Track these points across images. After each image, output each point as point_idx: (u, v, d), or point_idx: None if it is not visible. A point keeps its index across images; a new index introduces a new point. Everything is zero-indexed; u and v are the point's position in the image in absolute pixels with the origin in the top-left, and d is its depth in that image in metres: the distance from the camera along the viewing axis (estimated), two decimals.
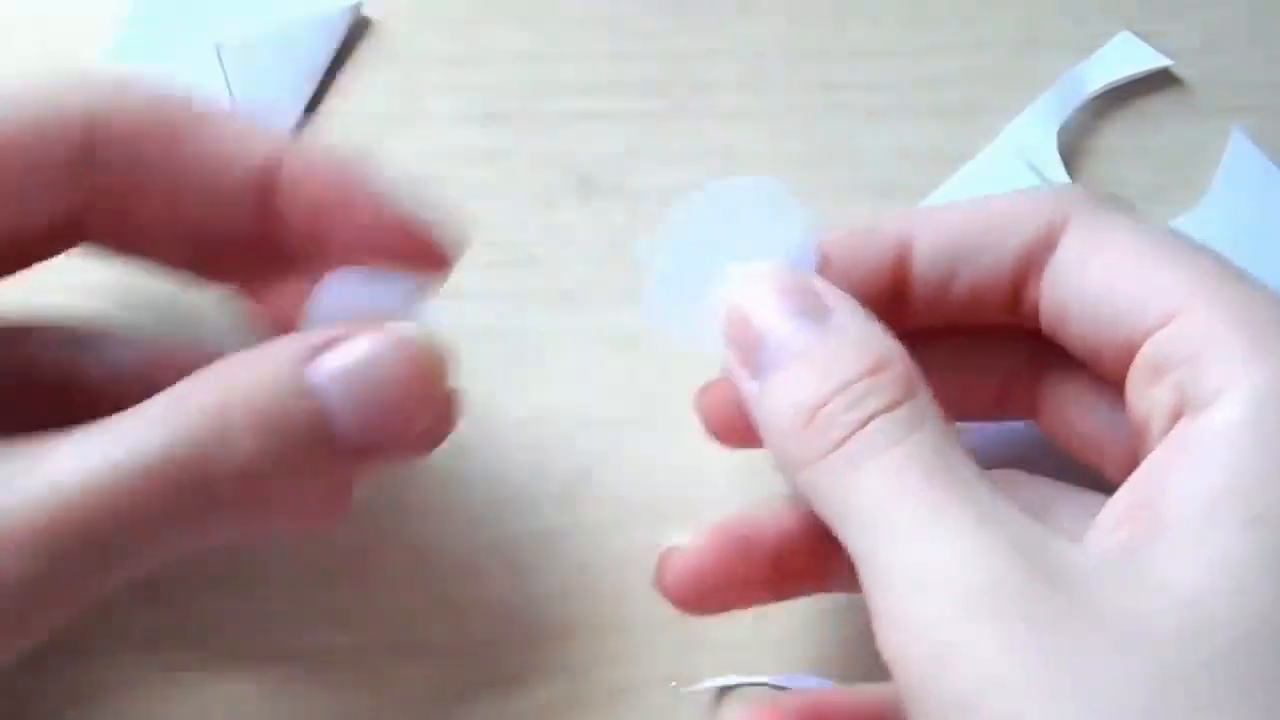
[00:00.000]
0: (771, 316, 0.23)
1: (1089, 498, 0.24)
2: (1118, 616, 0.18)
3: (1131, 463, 0.21)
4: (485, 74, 0.33)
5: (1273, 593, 0.18)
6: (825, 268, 0.24)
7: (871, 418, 0.21)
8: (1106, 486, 0.22)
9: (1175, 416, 0.21)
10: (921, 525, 0.20)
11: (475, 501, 0.29)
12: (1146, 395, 0.22)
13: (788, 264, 0.24)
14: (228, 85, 0.32)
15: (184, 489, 0.20)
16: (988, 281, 0.24)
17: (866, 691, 0.25)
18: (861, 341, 0.22)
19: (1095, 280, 0.22)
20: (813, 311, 0.23)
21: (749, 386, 0.23)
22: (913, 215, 0.25)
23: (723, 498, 0.30)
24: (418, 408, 0.23)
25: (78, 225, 0.24)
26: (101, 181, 0.23)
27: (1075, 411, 0.25)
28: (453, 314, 0.31)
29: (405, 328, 0.23)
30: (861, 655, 0.28)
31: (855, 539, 0.21)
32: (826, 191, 0.32)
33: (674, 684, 0.28)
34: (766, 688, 0.28)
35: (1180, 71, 0.33)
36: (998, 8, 0.34)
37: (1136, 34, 0.33)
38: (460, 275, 0.31)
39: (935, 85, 0.33)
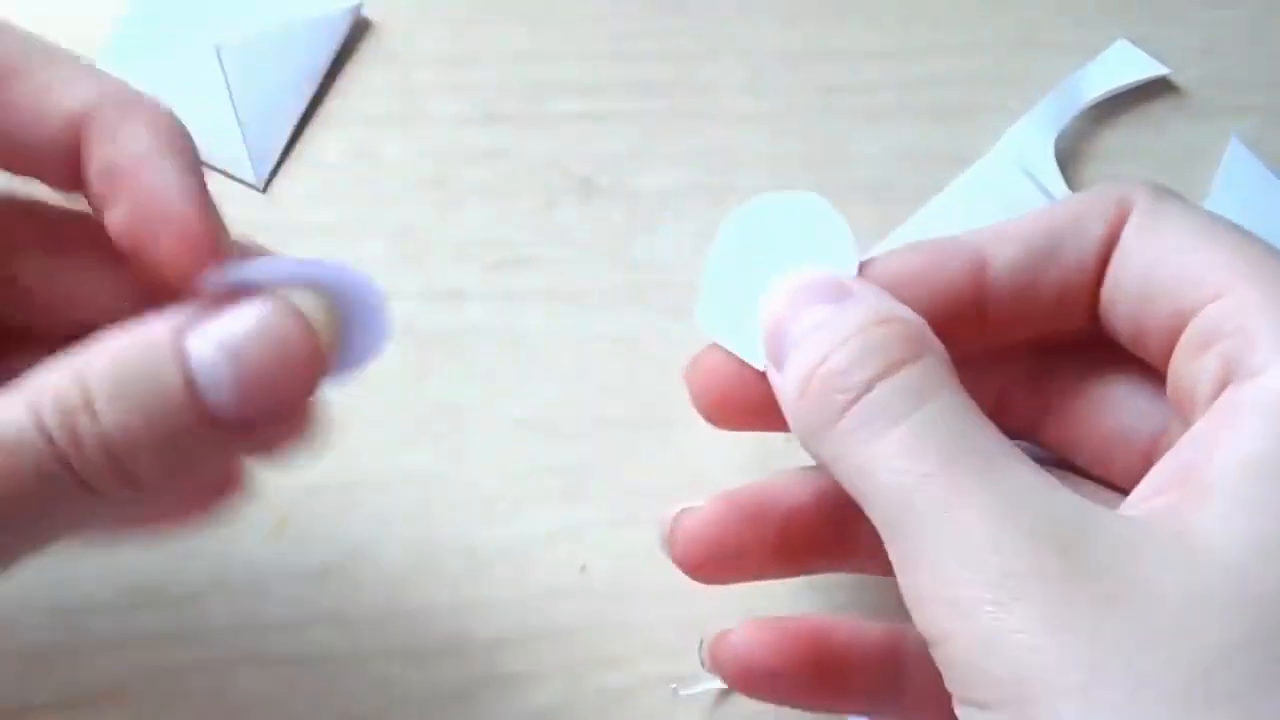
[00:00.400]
0: (796, 307, 0.23)
1: (1082, 490, 0.24)
2: (1165, 589, 0.18)
3: (1145, 469, 0.21)
4: (485, 74, 0.33)
5: None
6: (873, 275, 0.24)
7: (876, 379, 0.20)
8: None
9: (1222, 385, 0.21)
10: (945, 509, 0.19)
11: (475, 502, 0.29)
12: (1193, 365, 0.21)
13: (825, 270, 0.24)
14: (227, 85, 0.32)
15: (43, 468, 0.19)
16: (1076, 278, 0.24)
17: (874, 629, 0.25)
18: (870, 303, 0.22)
19: (1148, 259, 0.22)
20: (834, 296, 0.22)
21: (776, 380, 0.23)
22: (981, 232, 0.24)
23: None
24: (299, 382, 0.20)
25: None
26: None
27: (1085, 419, 0.25)
28: (453, 314, 0.31)
29: (297, 298, 0.20)
30: None
31: (880, 517, 0.20)
32: (825, 192, 0.32)
33: (674, 685, 0.28)
34: None
35: (1178, 76, 0.33)
36: (997, 10, 0.34)
37: (1135, 38, 0.33)
38: (460, 275, 0.31)
39: (935, 87, 0.33)
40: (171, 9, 0.33)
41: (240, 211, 0.32)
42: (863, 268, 0.24)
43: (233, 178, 0.32)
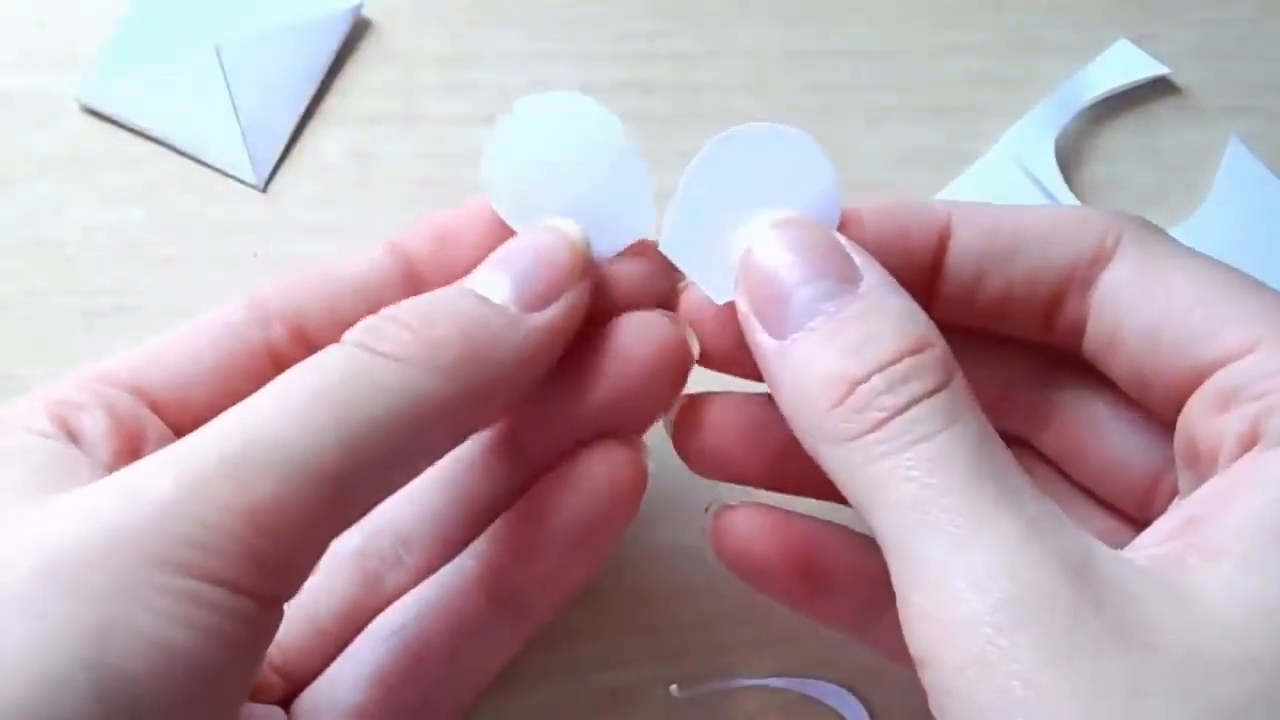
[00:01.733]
0: (796, 274, 0.22)
1: (1072, 499, 0.24)
2: (1167, 642, 0.18)
3: (1147, 495, 0.21)
4: (485, 74, 0.33)
5: None
6: (856, 232, 0.24)
7: (913, 403, 0.20)
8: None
9: (1246, 447, 0.20)
10: (963, 528, 0.19)
11: None
12: (1213, 422, 0.21)
13: (809, 216, 0.23)
14: (227, 85, 0.32)
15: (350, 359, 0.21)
16: (1022, 291, 0.23)
17: (871, 551, 0.24)
18: (901, 317, 0.21)
19: (1154, 307, 0.22)
20: (842, 274, 0.22)
21: (764, 340, 0.22)
22: (958, 205, 0.24)
23: (722, 498, 0.30)
24: (562, 268, 0.23)
25: None
26: None
27: (1087, 438, 0.25)
28: None
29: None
30: (862, 657, 0.28)
31: (887, 528, 0.20)
32: None
33: (674, 685, 0.28)
34: (766, 689, 0.28)
35: (1178, 76, 0.33)
36: (997, 10, 0.34)
37: (1135, 38, 0.33)
38: None
39: (934, 87, 0.33)
40: (171, 9, 0.33)
41: (240, 211, 0.32)
42: (843, 220, 0.24)
43: (233, 178, 0.32)
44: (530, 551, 0.24)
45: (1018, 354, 0.25)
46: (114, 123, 0.32)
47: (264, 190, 0.32)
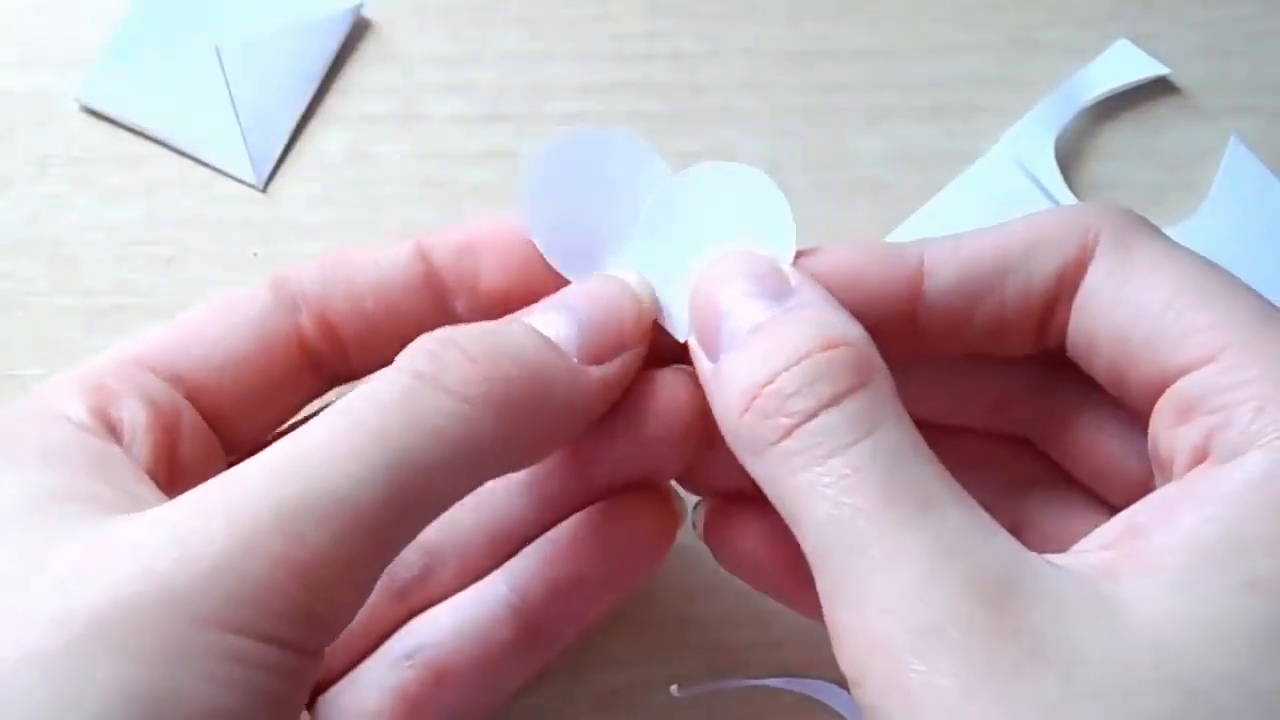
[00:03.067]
0: (730, 298, 0.22)
1: (1072, 498, 0.24)
2: (1088, 660, 0.18)
3: (1145, 494, 0.21)
4: (485, 74, 0.33)
5: (1257, 659, 0.18)
6: (810, 267, 0.23)
7: (822, 408, 0.20)
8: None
9: (1198, 459, 0.20)
10: (878, 550, 0.19)
11: None
12: (1171, 432, 0.21)
13: (763, 250, 0.23)
14: (227, 85, 0.32)
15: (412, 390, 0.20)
16: (1015, 311, 0.23)
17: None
18: (818, 321, 0.21)
19: (1128, 310, 0.21)
20: (775, 291, 0.22)
21: (704, 365, 0.22)
22: (931, 243, 0.23)
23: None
24: (628, 324, 0.23)
25: None
26: None
27: (1087, 438, 0.24)
28: None
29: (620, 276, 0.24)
30: None
31: (808, 544, 0.20)
32: (825, 192, 0.32)
33: (674, 685, 0.28)
34: (766, 689, 0.28)
35: (1178, 76, 0.33)
36: (997, 10, 0.34)
37: (1135, 38, 0.33)
38: None
39: (934, 87, 0.33)
40: (171, 9, 0.33)
41: (240, 211, 0.32)
42: (799, 257, 0.23)
43: (233, 178, 0.32)
44: (566, 588, 0.24)
45: (1018, 358, 0.25)
46: (114, 123, 0.32)
47: (264, 190, 0.32)
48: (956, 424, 0.26)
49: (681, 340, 0.24)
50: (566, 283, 0.24)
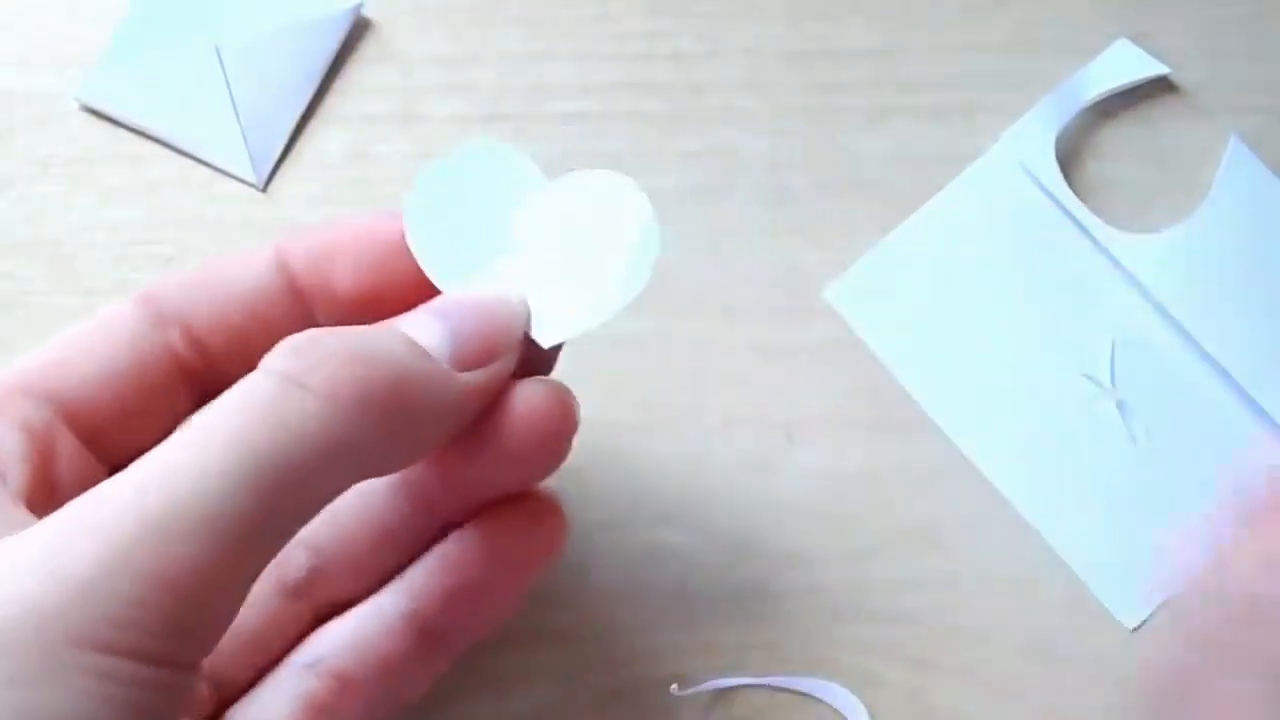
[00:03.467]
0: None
1: None
2: None
3: None
4: (485, 74, 0.33)
5: None
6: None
7: None
8: None
9: None
10: None
11: None
12: None
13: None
14: (227, 85, 0.32)
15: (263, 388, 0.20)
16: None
17: None
18: None
19: None
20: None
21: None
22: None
23: (723, 498, 0.30)
24: (500, 326, 0.23)
25: None
26: None
27: None
28: None
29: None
30: (863, 657, 0.28)
31: None
32: (825, 192, 0.32)
33: (674, 686, 0.28)
34: (766, 689, 0.28)
35: (1178, 76, 0.33)
36: (997, 9, 0.34)
37: (1135, 37, 0.33)
38: None
39: (935, 87, 0.33)
40: (171, 9, 0.33)
41: (240, 211, 0.32)
42: None
43: (233, 177, 0.32)
44: (460, 597, 0.25)
45: None
46: (114, 123, 0.33)
47: (264, 190, 0.32)
48: None
49: (546, 347, 0.24)
50: (429, 285, 0.24)
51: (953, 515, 0.30)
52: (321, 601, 0.25)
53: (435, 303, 0.23)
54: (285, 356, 0.20)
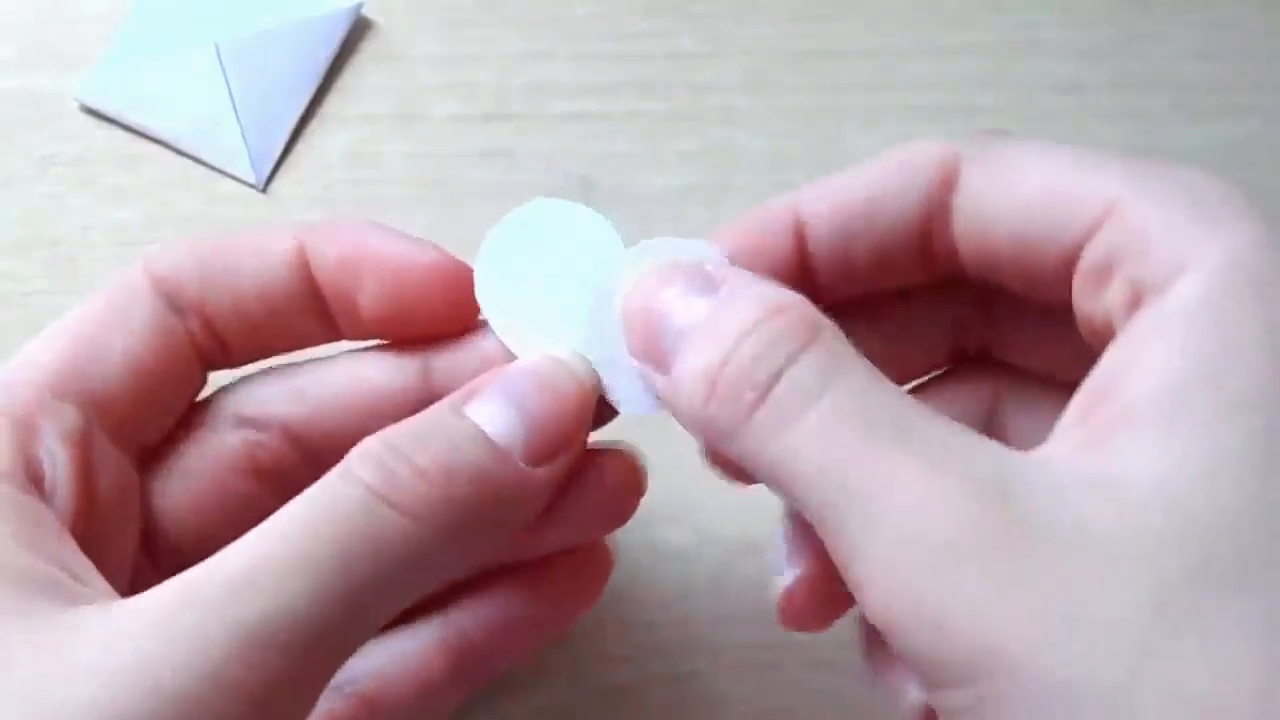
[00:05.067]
0: (669, 304, 0.22)
1: (1036, 390, 0.24)
2: (1096, 536, 0.17)
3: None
4: (485, 74, 0.33)
5: (1254, 483, 0.17)
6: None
7: (783, 370, 0.19)
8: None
9: (1132, 309, 0.19)
10: (871, 488, 0.18)
11: None
12: (1099, 299, 0.20)
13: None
14: (227, 85, 0.32)
15: (366, 505, 0.20)
16: (891, 242, 0.23)
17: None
18: (754, 296, 0.21)
19: (1010, 203, 0.21)
20: (705, 286, 0.21)
21: (660, 384, 0.22)
22: (801, 193, 0.23)
23: (723, 498, 0.30)
24: (574, 416, 0.23)
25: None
26: None
27: (1046, 340, 0.24)
28: None
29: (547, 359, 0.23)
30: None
31: (808, 510, 0.19)
32: None
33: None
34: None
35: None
36: (997, 10, 0.34)
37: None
38: None
39: (934, 87, 0.33)
40: (171, 9, 0.33)
41: (240, 211, 0.32)
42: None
43: (232, 177, 0.32)
44: (501, 629, 0.25)
45: (956, 294, 0.24)
46: (114, 123, 0.32)
47: (264, 190, 0.32)
48: (920, 371, 0.25)
49: (623, 414, 0.24)
50: (454, 315, 0.24)
51: None
52: None
53: (506, 382, 0.22)
54: (372, 468, 0.20)
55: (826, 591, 0.23)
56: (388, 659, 0.24)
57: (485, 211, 0.32)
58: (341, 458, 0.20)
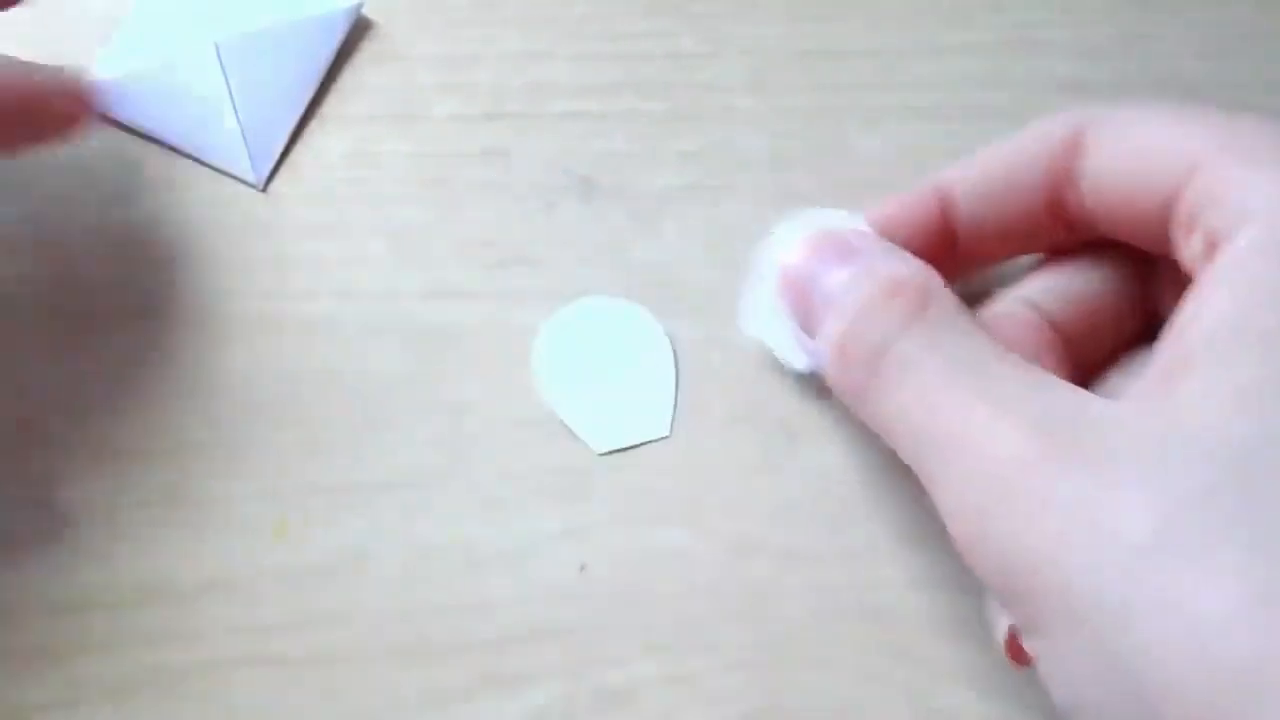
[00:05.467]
0: (812, 278, 0.25)
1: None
2: (1142, 449, 0.19)
3: None
4: (485, 74, 0.33)
5: (1277, 409, 0.18)
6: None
7: (890, 344, 0.23)
8: None
9: (1207, 259, 0.21)
10: (948, 432, 0.21)
11: (475, 502, 0.29)
12: (1186, 253, 0.22)
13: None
14: (228, 85, 0.32)
15: None
16: (1026, 207, 0.25)
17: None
18: (880, 270, 0.24)
19: (1115, 165, 0.23)
20: (842, 257, 0.25)
21: (810, 347, 0.25)
22: (951, 168, 0.26)
23: (723, 498, 0.30)
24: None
25: None
26: None
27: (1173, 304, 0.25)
28: (453, 314, 0.31)
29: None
30: (863, 655, 0.28)
31: (912, 463, 0.22)
32: (826, 192, 0.32)
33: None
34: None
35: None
36: (997, 10, 0.34)
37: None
38: (461, 275, 0.31)
39: (934, 87, 0.33)
40: (171, 9, 0.33)
41: (240, 211, 0.32)
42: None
43: (232, 177, 0.32)
44: None
45: (1126, 267, 0.26)
46: (114, 123, 0.32)
47: (264, 190, 0.32)
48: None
49: (800, 369, 0.28)
50: None
51: None
52: None
53: None
54: None
55: None
56: None
57: (485, 211, 0.32)
58: None
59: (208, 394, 0.30)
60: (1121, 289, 0.26)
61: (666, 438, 0.30)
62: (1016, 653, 0.24)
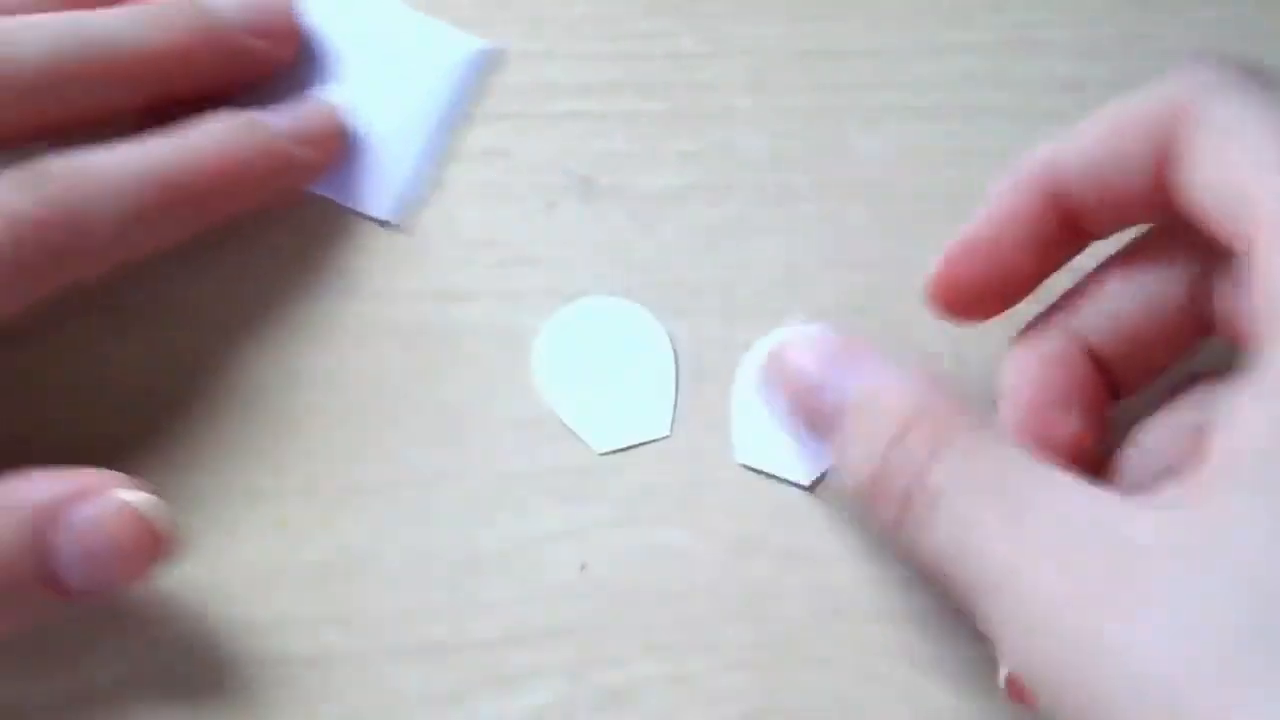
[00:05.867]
0: (813, 372, 0.26)
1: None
2: (1181, 592, 0.18)
3: None
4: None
5: None
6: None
7: (912, 485, 0.22)
8: None
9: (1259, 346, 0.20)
10: (990, 575, 0.21)
11: (474, 501, 0.29)
12: (1236, 302, 0.22)
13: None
14: None
15: None
16: (1135, 184, 0.24)
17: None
18: (885, 408, 0.24)
19: (1215, 177, 0.22)
20: (843, 362, 0.25)
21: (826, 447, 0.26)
22: (1055, 151, 0.25)
23: (723, 498, 0.30)
24: (134, 565, 0.25)
25: None
26: None
27: (1238, 307, 0.24)
28: (453, 314, 0.31)
29: (131, 493, 0.25)
30: (863, 655, 0.28)
31: (966, 598, 0.22)
32: (826, 192, 0.32)
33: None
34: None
35: None
36: (997, 10, 0.34)
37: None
38: (461, 275, 0.31)
39: (934, 87, 0.33)
40: None
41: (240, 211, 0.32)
42: None
43: None
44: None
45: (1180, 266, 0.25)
46: None
47: None
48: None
49: (808, 483, 0.29)
50: None
51: None
52: None
53: None
54: None
55: None
56: None
57: (485, 211, 0.32)
58: None
59: (206, 394, 0.30)
60: (1170, 295, 0.25)
61: (666, 438, 0.30)
62: (1019, 695, 0.25)
